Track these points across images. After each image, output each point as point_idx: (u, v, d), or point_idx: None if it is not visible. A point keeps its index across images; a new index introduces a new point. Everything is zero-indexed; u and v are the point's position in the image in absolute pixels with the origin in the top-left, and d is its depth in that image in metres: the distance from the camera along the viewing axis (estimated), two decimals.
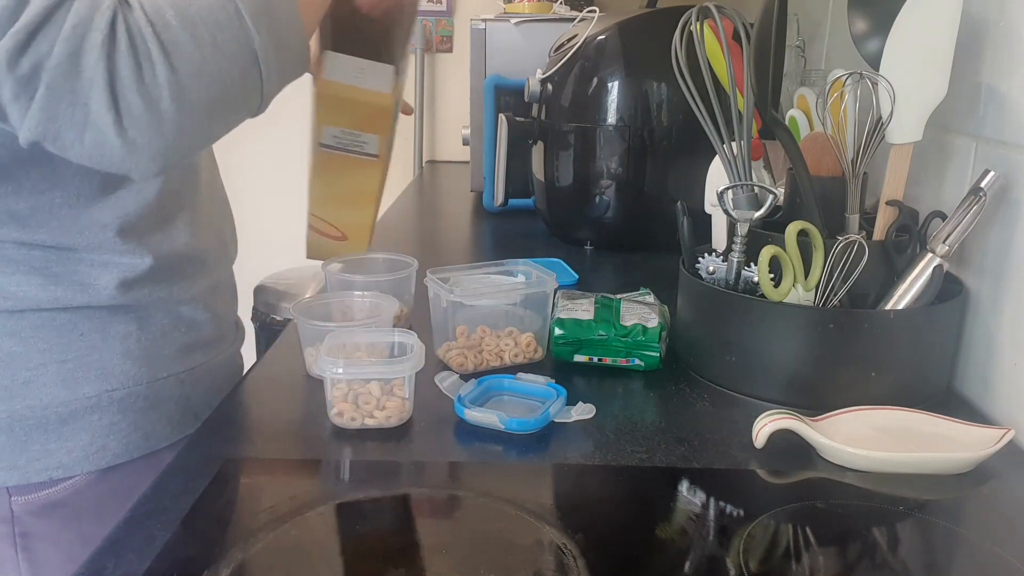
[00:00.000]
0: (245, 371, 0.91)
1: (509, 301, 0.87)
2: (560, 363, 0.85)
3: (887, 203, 0.80)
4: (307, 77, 0.80)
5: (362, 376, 0.72)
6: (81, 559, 0.54)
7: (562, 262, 1.18)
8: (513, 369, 0.83)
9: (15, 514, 0.70)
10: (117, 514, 0.60)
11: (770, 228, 0.81)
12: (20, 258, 0.68)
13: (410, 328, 0.83)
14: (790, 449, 0.68)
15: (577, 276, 1.14)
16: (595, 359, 0.83)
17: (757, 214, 0.80)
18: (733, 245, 0.81)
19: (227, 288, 0.88)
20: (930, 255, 0.76)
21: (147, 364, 0.74)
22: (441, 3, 2.55)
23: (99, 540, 0.56)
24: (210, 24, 0.56)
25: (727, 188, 0.81)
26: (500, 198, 1.52)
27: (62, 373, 0.70)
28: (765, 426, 0.67)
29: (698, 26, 0.82)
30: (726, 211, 0.81)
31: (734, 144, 0.82)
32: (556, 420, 0.73)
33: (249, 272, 0.96)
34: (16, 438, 0.69)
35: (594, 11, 1.32)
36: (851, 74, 0.78)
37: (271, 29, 0.59)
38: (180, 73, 0.55)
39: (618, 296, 0.91)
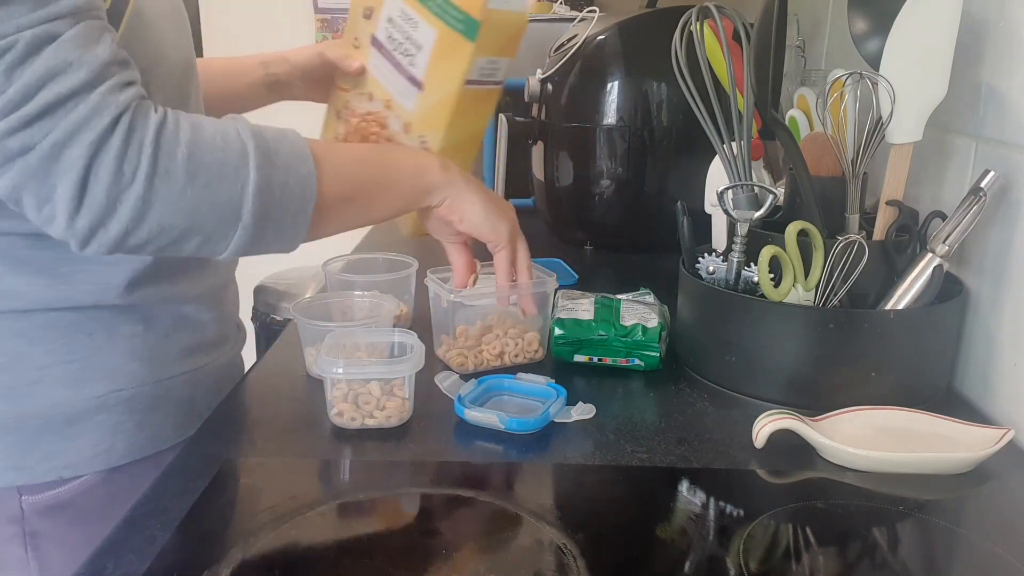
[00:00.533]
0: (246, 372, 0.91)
1: (509, 301, 0.87)
2: (560, 363, 0.85)
3: (887, 203, 0.80)
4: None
5: (362, 376, 0.72)
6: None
7: (562, 262, 1.18)
8: (513, 369, 0.83)
9: (25, 514, 0.71)
10: (121, 513, 0.60)
11: (770, 228, 0.81)
12: (29, 258, 0.68)
13: (410, 328, 0.83)
14: (790, 449, 0.68)
15: (577, 276, 1.14)
16: (595, 359, 0.83)
17: (757, 214, 0.80)
18: (733, 245, 0.81)
19: (230, 290, 0.89)
20: (930, 255, 0.76)
21: (152, 364, 0.74)
22: None
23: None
24: (214, 176, 0.60)
25: (727, 188, 0.81)
26: None
27: (69, 373, 0.70)
28: (765, 426, 0.67)
29: (698, 26, 0.82)
30: (726, 211, 0.81)
31: (734, 144, 0.82)
32: (556, 420, 0.73)
33: (249, 272, 0.96)
34: (24, 438, 0.69)
35: (594, 11, 1.32)
36: (851, 74, 0.78)
37: (269, 209, 0.62)
38: (155, 196, 0.58)
39: (618, 296, 0.91)
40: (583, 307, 0.86)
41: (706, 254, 0.85)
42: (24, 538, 0.71)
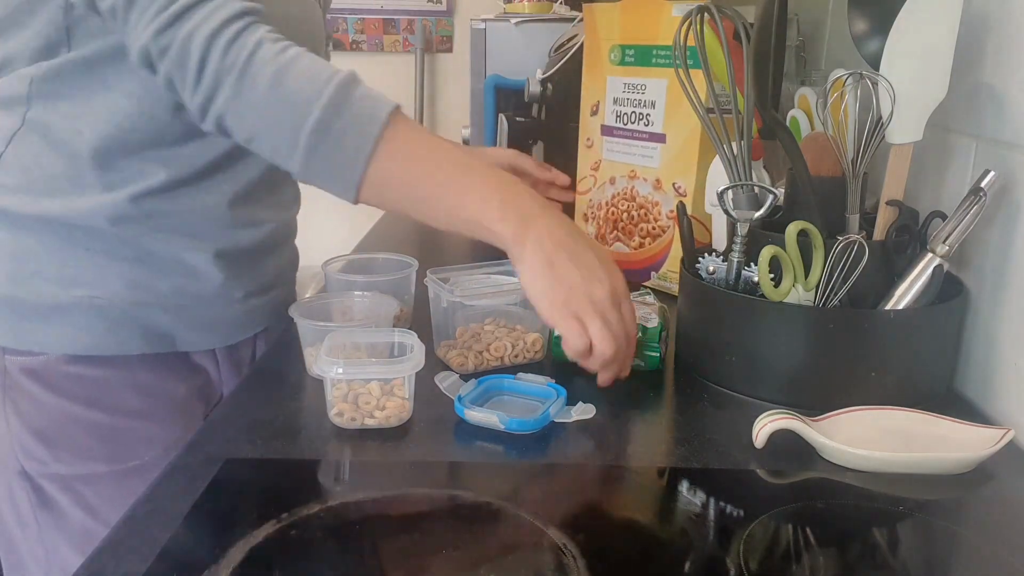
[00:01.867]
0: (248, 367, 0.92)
1: (509, 301, 0.87)
2: (560, 363, 0.85)
3: (887, 203, 0.80)
4: None
5: (362, 376, 0.72)
6: (46, 426, 0.81)
7: None
8: (513, 369, 0.83)
9: (7, 368, 0.84)
10: (82, 393, 0.82)
11: (770, 228, 0.81)
12: (58, 177, 0.80)
13: (410, 328, 0.83)
14: (790, 449, 0.68)
15: None
16: None
17: (757, 214, 0.80)
18: (733, 245, 0.82)
19: (257, 253, 0.92)
20: (930, 255, 0.76)
21: (135, 289, 0.84)
22: (441, 3, 2.55)
23: (62, 412, 0.82)
24: (285, 102, 0.70)
25: (727, 188, 0.81)
26: None
27: (62, 275, 0.82)
28: (765, 426, 0.67)
29: (698, 26, 0.82)
30: (726, 211, 0.81)
31: (734, 144, 0.82)
32: (556, 420, 0.73)
33: None
34: (15, 313, 0.83)
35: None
36: (851, 74, 0.78)
37: (320, 148, 0.70)
38: (243, 90, 0.70)
39: None
40: None
41: (706, 254, 0.85)
42: (4, 390, 0.84)
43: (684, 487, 0.64)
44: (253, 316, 0.93)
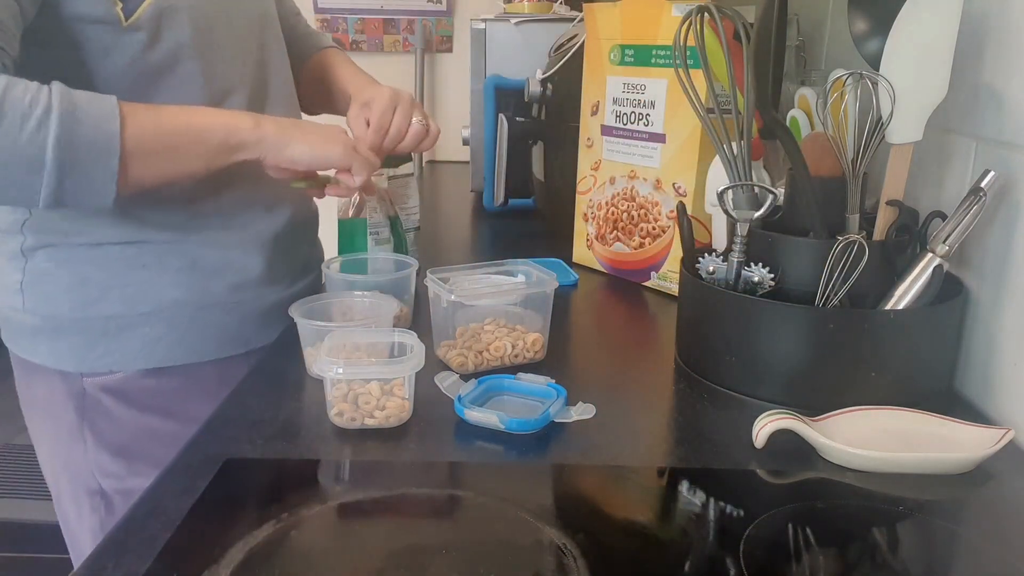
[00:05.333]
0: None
1: (509, 301, 0.87)
2: (561, 363, 0.85)
3: (887, 203, 0.80)
4: None
5: (362, 376, 0.72)
6: (125, 441, 0.86)
7: (562, 262, 1.18)
8: (513, 369, 0.83)
9: (86, 391, 0.89)
10: (159, 405, 0.87)
11: (770, 228, 0.81)
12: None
13: (410, 328, 0.83)
14: (790, 449, 0.68)
15: (577, 276, 1.14)
16: None
17: (757, 214, 0.80)
18: (733, 245, 0.81)
19: (291, 237, 0.98)
20: (930, 255, 0.76)
21: (195, 294, 0.89)
22: (441, 3, 2.55)
23: (140, 425, 0.87)
24: (16, 127, 0.67)
25: (727, 188, 0.81)
26: (500, 198, 1.52)
27: (124, 295, 0.87)
28: (765, 426, 0.67)
29: (698, 25, 0.82)
30: (726, 211, 0.81)
31: (734, 144, 0.82)
32: (556, 420, 0.73)
33: None
34: (87, 339, 0.87)
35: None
36: (851, 74, 0.78)
37: (74, 161, 0.70)
38: None
39: None
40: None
41: (706, 254, 0.85)
42: (83, 411, 0.89)
43: (684, 487, 0.64)
44: (307, 289, 0.99)
